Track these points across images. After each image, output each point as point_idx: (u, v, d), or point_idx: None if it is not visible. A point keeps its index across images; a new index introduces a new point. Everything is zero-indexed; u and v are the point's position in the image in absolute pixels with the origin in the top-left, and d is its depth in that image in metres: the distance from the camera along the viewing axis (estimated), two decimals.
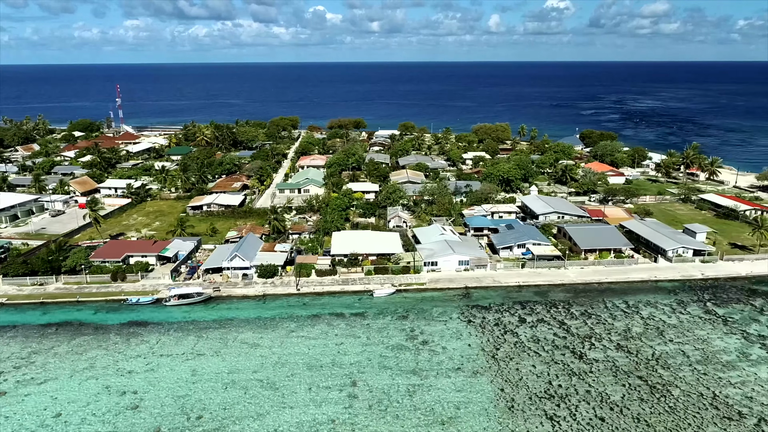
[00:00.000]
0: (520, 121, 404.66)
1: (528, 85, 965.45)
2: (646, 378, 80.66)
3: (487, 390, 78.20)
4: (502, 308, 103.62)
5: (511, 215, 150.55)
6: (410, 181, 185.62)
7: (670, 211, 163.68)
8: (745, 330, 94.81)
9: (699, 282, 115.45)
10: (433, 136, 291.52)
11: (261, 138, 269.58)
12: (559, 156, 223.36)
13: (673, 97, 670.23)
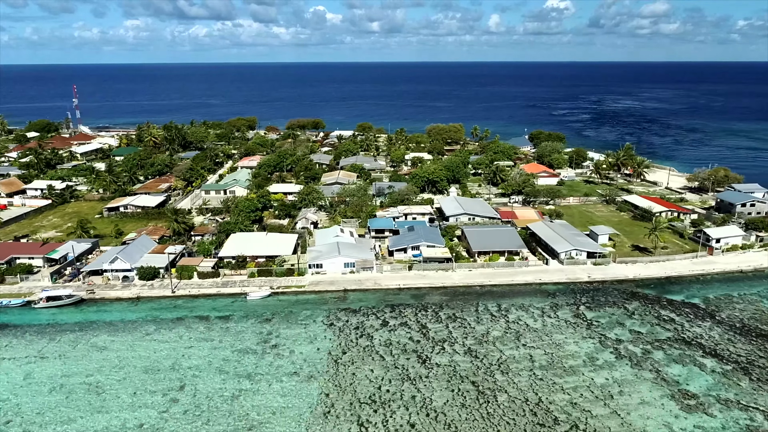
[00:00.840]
0: (492, 121, 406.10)
1: (516, 85, 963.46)
2: (479, 383, 79.50)
3: (313, 395, 77.12)
4: (371, 311, 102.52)
5: (425, 217, 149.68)
6: (338, 182, 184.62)
7: (590, 213, 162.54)
8: (604, 335, 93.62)
9: (583, 285, 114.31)
10: (388, 137, 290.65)
11: (211, 138, 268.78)
12: (498, 157, 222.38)
13: (654, 98, 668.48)
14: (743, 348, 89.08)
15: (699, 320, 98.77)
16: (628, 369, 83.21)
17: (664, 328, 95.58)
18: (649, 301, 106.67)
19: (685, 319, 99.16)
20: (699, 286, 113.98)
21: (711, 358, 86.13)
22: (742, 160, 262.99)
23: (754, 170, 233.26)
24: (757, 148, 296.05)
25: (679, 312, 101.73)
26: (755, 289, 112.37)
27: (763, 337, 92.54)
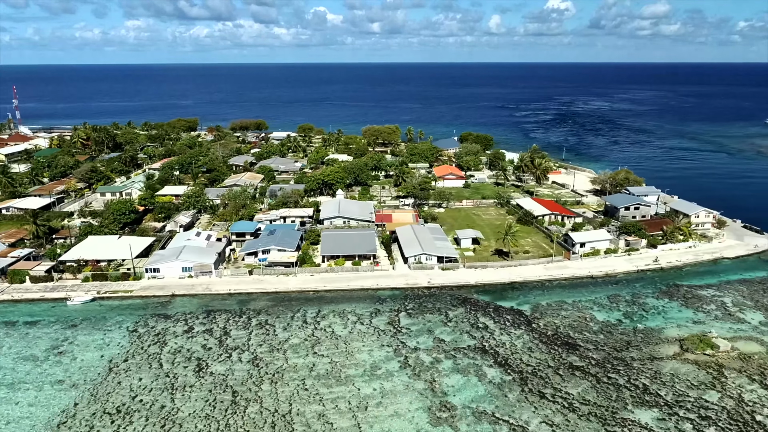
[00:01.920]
0: (451, 122, 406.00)
1: (498, 87, 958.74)
2: (240, 393, 77.09)
3: (61, 405, 74.95)
4: (184, 317, 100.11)
5: (299, 220, 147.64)
6: (236, 184, 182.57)
7: (476, 216, 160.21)
8: (405, 342, 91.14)
9: (420, 290, 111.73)
10: (323, 138, 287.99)
11: (141, 140, 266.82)
12: (415, 158, 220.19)
13: (628, 99, 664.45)
14: (537, 357, 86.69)
15: (513, 328, 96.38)
16: (404, 379, 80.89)
17: (472, 336, 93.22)
18: (477, 307, 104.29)
19: (501, 326, 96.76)
20: (538, 292, 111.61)
21: (498, 368, 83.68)
22: (668, 160, 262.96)
23: (673, 172, 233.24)
24: (692, 149, 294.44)
25: (498, 319, 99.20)
26: (594, 295, 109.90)
27: (566, 346, 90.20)
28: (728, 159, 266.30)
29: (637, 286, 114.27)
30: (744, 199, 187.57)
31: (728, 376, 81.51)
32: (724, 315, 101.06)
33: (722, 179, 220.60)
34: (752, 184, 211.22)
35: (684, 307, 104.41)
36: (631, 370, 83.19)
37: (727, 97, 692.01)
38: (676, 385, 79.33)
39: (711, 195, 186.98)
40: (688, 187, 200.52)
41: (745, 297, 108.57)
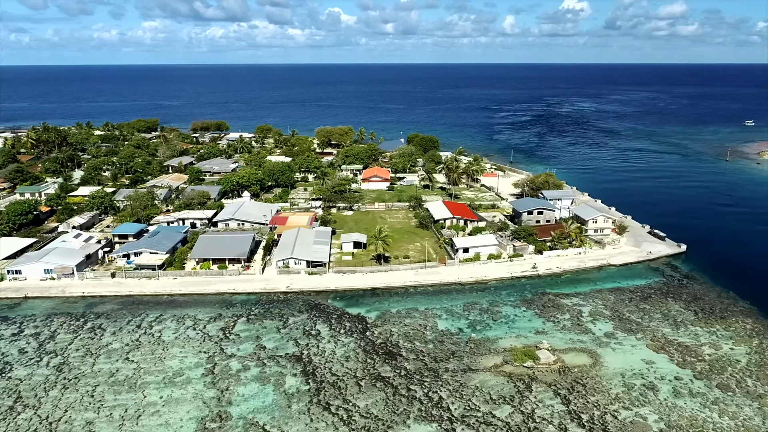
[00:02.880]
0: (423, 123, 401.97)
1: (493, 88, 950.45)
2: (23, 397, 75.99)
3: None
4: (24, 320, 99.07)
5: (194, 221, 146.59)
6: (155, 186, 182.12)
7: (382, 219, 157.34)
8: (224, 349, 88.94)
9: (276, 295, 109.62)
10: (275, 139, 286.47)
11: (93, 140, 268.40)
12: (350, 160, 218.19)
13: (618, 100, 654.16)
14: (349, 367, 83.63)
15: (345, 336, 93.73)
16: (198, 387, 78.68)
17: (297, 344, 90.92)
18: (322, 313, 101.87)
19: (333, 334, 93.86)
20: (397, 299, 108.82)
21: (301, 377, 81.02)
22: (615, 162, 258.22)
23: (612, 175, 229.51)
24: (648, 151, 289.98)
25: (336, 326, 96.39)
26: (452, 303, 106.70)
27: (386, 355, 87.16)
28: (678, 162, 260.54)
29: (502, 294, 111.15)
30: (669, 203, 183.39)
31: (534, 390, 78.41)
32: (573, 325, 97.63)
33: (657, 182, 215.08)
34: (687, 187, 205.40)
35: (536, 317, 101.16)
36: (437, 382, 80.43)
37: (722, 98, 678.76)
38: (473, 399, 76.48)
39: (635, 199, 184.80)
40: (617, 190, 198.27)
41: (606, 307, 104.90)
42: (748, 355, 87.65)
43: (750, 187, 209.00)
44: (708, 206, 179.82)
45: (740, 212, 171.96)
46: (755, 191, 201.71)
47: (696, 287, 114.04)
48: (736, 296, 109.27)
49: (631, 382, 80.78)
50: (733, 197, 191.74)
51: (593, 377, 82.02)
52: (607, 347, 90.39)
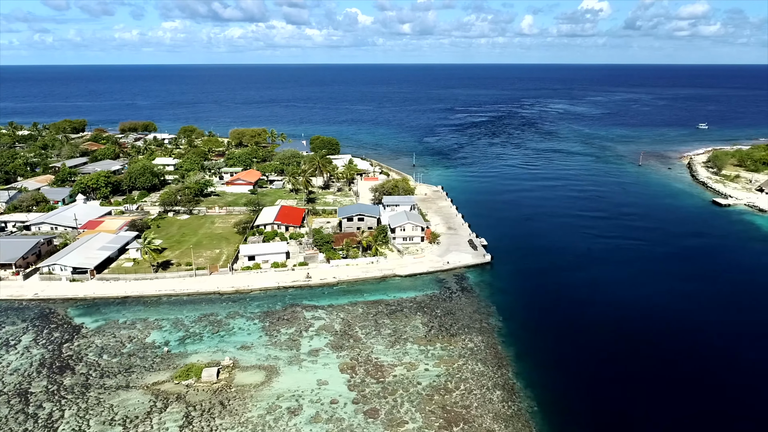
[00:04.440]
0: (386, 123, 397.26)
1: (478, 88, 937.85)
2: None
3: None
4: None
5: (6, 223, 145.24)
6: (12, 187, 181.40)
7: (212, 224, 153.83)
8: None
9: (18, 303, 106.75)
10: (187, 140, 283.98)
11: (5, 140, 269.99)
12: (231, 162, 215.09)
13: (595, 102, 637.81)
14: (4, 381, 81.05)
15: (39, 347, 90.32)
16: None
17: None
18: (44, 323, 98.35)
19: (27, 344, 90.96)
20: (138, 308, 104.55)
21: None
22: (522, 164, 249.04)
23: (507, 179, 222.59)
24: (567, 152, 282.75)
25: (39, 336, 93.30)
26: (185, 314, 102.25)
27: (56, 370, 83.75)
28: (586, 165, 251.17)
29: (251, 305, 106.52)
30: (527, 208, 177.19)
31: (168, 410, 74.06)
32: (287, 341, 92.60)
33: (540, 186, 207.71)
34: (565, 195, 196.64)
35: (260, 330, 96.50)
36: (77, 399, 76.59)
37: (705, 100, 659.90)
38: (92, 420, 72.34)
39: (498, 205, 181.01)
40: (491, 194, 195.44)
41: (343, 321, 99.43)
42: (437, 377, 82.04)
43: (635, 190, 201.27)
44: (561, 213, 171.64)
45: (597, 218, 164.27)
46: (635, 196, 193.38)
47: (461, 301, 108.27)
48: (495, 312, 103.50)
49: (280, 404, 76.07)
50: (603, 202, 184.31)
51: (245, 398, 77.41)
52: (295, 365, 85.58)
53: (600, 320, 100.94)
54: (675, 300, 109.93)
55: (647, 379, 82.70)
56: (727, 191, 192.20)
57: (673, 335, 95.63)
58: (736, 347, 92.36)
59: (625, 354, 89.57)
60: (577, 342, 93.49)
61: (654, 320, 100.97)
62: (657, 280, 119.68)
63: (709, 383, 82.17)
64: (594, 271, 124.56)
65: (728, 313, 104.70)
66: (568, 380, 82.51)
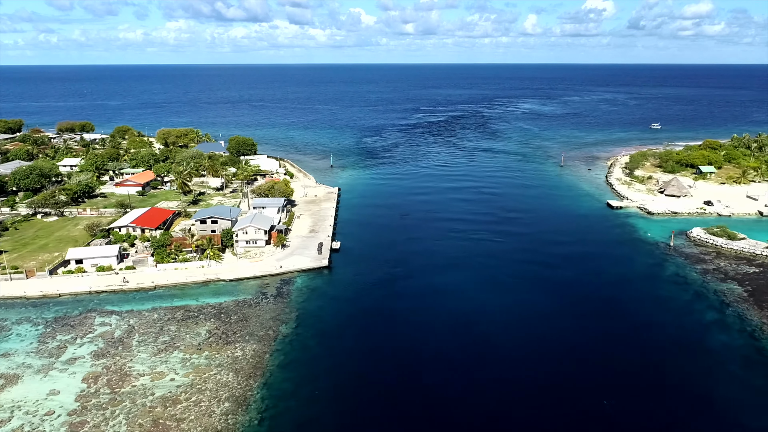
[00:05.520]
0: (343, 124, 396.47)
1: (464, 88, 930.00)
2: None
3: None
4: None
5: None
6: None
7: (74, 226, 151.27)
8: None
9: None
10: (115, 141, 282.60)
11: None
12: (136, 162, 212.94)
13: (570, 101, 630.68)
14: None
15: None
16: None
17: None
18: None
19: None
20: None
21: None
22: (441, 164, 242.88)
23: (415, 179, 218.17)
24: (495, 151, 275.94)
25: None
26: None
27: None
28: (506, 164, 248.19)
29: (47, 309, 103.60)
30: (419, 209, 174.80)
31: None
32: (46, 349, 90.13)
33: (444, 188, 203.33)
34: (461, 198, 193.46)
35: (32, 337, 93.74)
36: None
37: (677, 101, 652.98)
38: None
39: (380, 210, 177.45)
40: (387, 197, 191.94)
41: (129, 327, 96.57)
42: (176, 388, 78.65)
43: (536, 193, 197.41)
44: (442, 217, 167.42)
45: (475, 221, 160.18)
46: (532, 198, 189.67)
47: (266, 307, 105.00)
48: (294, 319, 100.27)
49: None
50: (493, 205, 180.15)
51: None
52: (41, 374, 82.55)
53: (406, 334, 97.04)
54: (507, 312, 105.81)
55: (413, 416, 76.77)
56: (628, 193, 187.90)
57: (482, 358, 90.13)
58: (562, 353, 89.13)
59: (409, 379, 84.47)
60: (370, 355, 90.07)
61: (475, 337, 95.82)
62: (499, 290, 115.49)
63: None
64: (436, 279, 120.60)
65: (563, 320, 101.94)
66: (331, 392, 79.44)
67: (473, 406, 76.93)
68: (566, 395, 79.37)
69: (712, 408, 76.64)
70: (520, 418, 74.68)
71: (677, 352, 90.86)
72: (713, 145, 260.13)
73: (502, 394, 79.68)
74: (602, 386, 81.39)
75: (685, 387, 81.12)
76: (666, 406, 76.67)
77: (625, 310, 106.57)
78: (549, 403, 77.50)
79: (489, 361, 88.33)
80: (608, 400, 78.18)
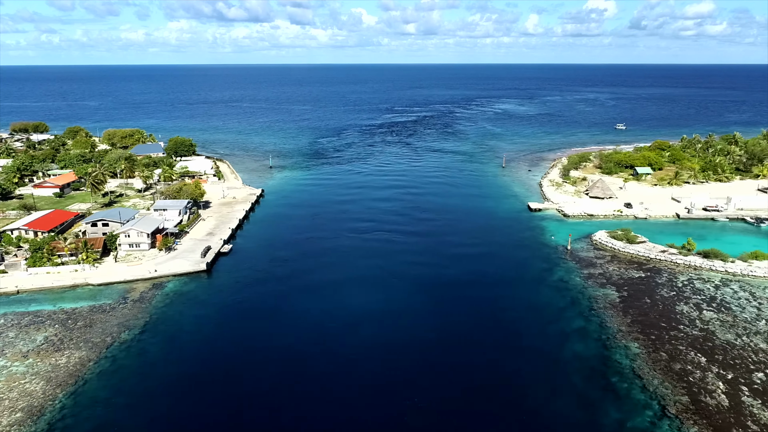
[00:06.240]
0: (306, 124, 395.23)
1: (452, 89, 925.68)
2: None
3: None
4: None
5: None
6: None
7: None
8: None
9: None
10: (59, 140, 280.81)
11: None
12: (64, 163, 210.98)
13: (548, 101, 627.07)
14: None
15: None
16: None
17: None
18: None
19: None
20: None
21: None
22: (387, 164, 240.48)
23: (356, 176, 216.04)
24: (444, 150, 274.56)
25: None
26: None
27: None
28: (448, 164, 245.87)
29: None
30: (336, 210, 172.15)
31: None
32: None
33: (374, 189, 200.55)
34: (382, 198, 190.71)
35: None
36: None
37: (661, 100, 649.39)
38: None
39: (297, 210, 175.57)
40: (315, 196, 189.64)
41: None
42: None
43: (462, 192, 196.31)
44: (354, 217, 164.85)
45: (381, 223, 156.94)
46: (457, 197, 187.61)
47: (119, 313, 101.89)
48: (140, 325, 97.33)
49: None
50: (410, 206, 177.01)
51: None
52: None
53: (260, 335, 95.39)
54: (368, 311, 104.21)
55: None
56: (554, 195, 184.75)
57: (320, 356, 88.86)
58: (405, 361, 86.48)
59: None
60: (212, 359, 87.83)
61: (325, 336, 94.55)
62: (374, 289, 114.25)
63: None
64: (314, 278, 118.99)
65: (423, 320, 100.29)
66: (148, 399, 77.55)
67: (290, 408, 74.72)
68: (378, 401, 77.03)
69: (538, 421, 73.99)
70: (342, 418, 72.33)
71: (529, 360, 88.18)
72: (662, 146, 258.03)
73: (325, 392, 77.43)
74: (416, 388, 79.21)
75: (519, 400, 78.27)
76: (490, 420, 74.06)
77: (493, 315, 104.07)
78: (366, 405, 75.16)
79: (321, 360, 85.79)
80: (417, 398, 77.01)
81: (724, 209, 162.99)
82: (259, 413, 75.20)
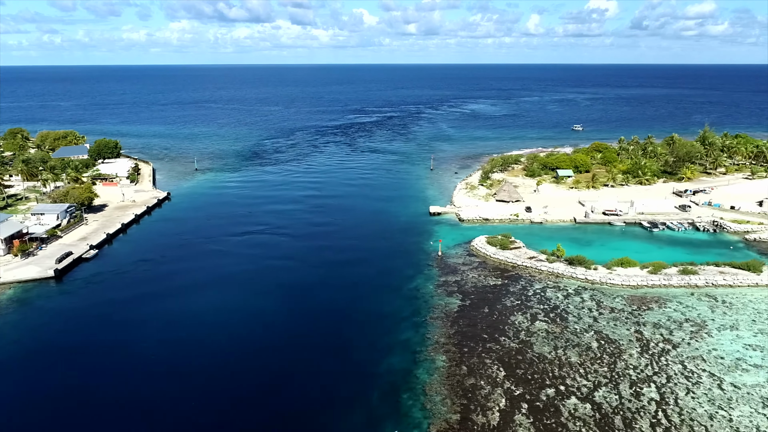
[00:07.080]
0: (268, 125, 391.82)
1: (433, 88, 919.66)
2: None
3: None
4: None
5: None
6: None
7: None
8: None
9: None
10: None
11: None
12: None
13: (524, 101, 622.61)
14: None
15: None
16: None
17: None
18: None
19: None
20: None
21: None
22: (318, 165, 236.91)
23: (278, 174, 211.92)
24: (384, 151, 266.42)
25: None
26: None
27: None
28: (373, 165, 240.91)
29: None
30: (237, 215, 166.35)
31: None
32: None
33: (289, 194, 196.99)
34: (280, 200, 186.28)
35: None
36: None
37: (637, 100, 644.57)
38: None
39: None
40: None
41: None
42: None
43: (370, 193, 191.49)
44: (250, 228, 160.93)
45: (268, 232, 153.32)
46: (360, 199, 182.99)
47: None
48: None
49: None
50: (313, 212, 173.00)
51: None
52: None
53: (83, 342, 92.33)
54: (203, 313, 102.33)
55: None
56: (460, 199, 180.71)
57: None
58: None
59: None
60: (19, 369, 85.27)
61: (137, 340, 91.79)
62: (220, 291, 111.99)
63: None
64: (175, 281, 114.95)
65: (254, 325, 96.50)
66: None
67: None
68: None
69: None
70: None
71: (340, 375, 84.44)
72: (599, 148, 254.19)
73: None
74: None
75: (302, 417, 75.08)
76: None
77: (333, 324, 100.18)
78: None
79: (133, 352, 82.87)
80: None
81: (623, 213, 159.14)
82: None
